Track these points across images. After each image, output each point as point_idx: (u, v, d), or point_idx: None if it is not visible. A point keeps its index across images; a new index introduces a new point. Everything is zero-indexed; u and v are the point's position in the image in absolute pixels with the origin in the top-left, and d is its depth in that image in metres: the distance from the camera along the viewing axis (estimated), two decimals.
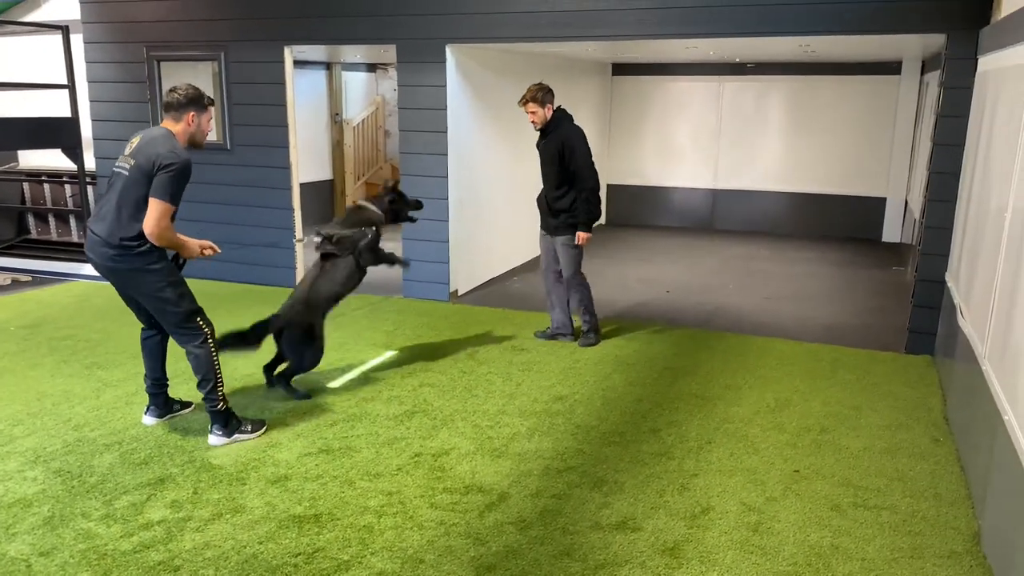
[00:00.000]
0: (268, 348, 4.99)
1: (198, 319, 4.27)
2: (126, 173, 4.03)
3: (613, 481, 3.93)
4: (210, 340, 4.30)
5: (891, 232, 10.58)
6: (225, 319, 6.64)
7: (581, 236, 5.70)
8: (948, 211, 5.68)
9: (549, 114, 5.69)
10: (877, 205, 10.64)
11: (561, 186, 5.66)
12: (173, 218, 4.08)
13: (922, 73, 9.68)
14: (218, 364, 4.32)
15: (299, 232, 7.76)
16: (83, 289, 7.78)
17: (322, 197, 11.80)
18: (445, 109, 7.00)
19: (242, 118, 7.73)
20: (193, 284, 4.41)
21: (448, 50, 6.92)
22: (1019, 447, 2.85)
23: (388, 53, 9.34)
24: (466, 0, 6.73)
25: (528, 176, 8.81)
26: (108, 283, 4.32)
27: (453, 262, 7.35)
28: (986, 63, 4.96)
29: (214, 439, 4.31)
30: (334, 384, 5.22)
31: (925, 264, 5.89)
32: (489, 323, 6.60)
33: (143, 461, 4.10)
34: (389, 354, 5.80)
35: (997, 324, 3.54)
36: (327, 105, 11.88)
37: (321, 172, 11.80)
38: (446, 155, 7.08)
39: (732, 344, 6.14)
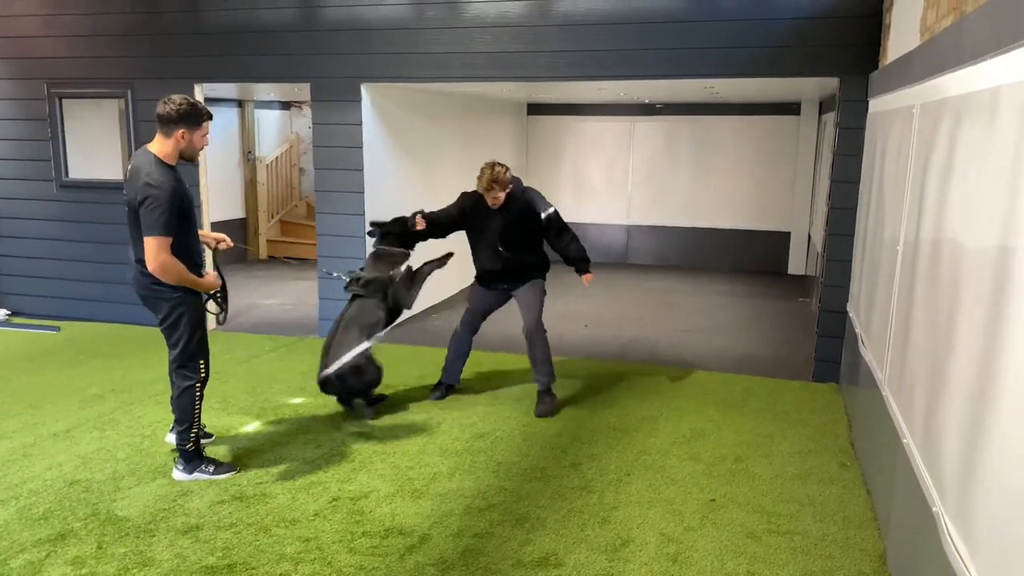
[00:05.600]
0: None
1: (200, 362, 4.20)
2: (127, 208, 4.03)
3: (535, 517, 3.93)
4: (198, 386, 4.21)
5: (796, 265, 11.02)
6: (136, 363, 6.40)
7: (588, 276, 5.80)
8: (847, 244, 5.96)
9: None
10: (782, 239, 11.08)
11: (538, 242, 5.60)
12: (192, 247, 4.11)
13: (820, 113, 10.18)
14: (198, 410, 4.24)
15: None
16: None
17: (235, 235, 11.47)
18: (361, 147, 6.99)
19: None
20: (110, 328, 4.25)
21: (363, 89, 6.92)
22: (917, 469, 2.98)
23: (302, 91, 9.28)
24: (379, 40, 6.77)
25: None
26: (6, 329, 4.15)
27: None
28: (875, 105, 5.27)
29: (177, 474, 4.28)
30: (248, 428, 5.08)
31: (828, 295, 6.15)
32: (408, 361, 6.54)
33: (42, 516, 3.88)
34: (304, 397, 5.68)
35: (894, 352, 3.72)
36: (239, 143, 11.69)
37: (234, 210, 11.57)
38: (363, 193, 7.05)
39: (648, 376, 6.25)
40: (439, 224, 5.49)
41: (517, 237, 5.44)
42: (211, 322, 4.56)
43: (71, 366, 6.38)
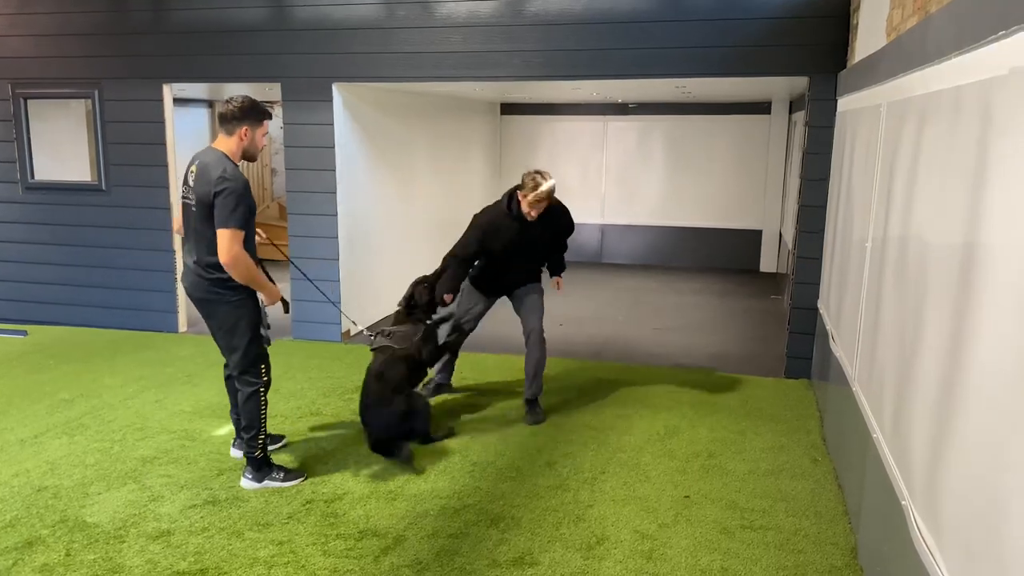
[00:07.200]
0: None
1: (261, 366, 4.18)
2: (193, 207, 3.96)
3: (510, 517, 3.93)
4: (262, 391, 4.19)
5: (768, 262, 11.12)
6: (105, 367, 6.31)
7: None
8: (817, 242, 6.02)
9: None
10: (754, 237, 11.17)
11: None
12: (250, 244, 4.03)
13: (790, 112, 10.28)
14: (264, 415, 4.20)
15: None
16: None
17: None
18: (333, 147, 6.94)
19: (119, 158, 7.43)
20: (79, 332, 4.19)
21: (335, 88, 6.88)
22: (887, 463, 3.02)
23: (273, 91, 9.21)
24: (350, 40, 6.73)
25: (419, 213, 8.83)
26: None
27: (344, 301, 7.23)
28: (844, 104, 5.33)
29: (245, 482, 4.23)
30: (219, 432, 5.02)
31: (799, 293, 6.21)
32: None
33: (8, 523, 3.81)
34: (277, 398, 5.63)
35: (864, 348, 3.77)
36: (210, 144, 11.55)
37: None
38: (335, 193, 7.00)
39: (623, 374, 6.27)
40: (466, 268, 5.30)
41: (545, 246, 5.49)
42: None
43: (39, 371, 6.28)
